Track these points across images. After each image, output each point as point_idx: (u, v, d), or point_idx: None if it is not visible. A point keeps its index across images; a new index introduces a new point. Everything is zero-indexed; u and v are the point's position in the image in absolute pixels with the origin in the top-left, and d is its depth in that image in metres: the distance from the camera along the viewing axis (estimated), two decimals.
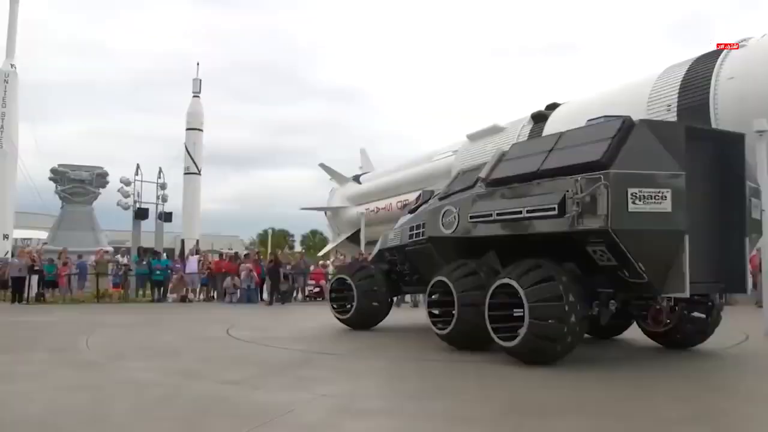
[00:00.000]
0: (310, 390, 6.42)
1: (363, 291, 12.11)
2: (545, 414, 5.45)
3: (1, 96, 37.12)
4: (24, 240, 48.80)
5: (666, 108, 21.71)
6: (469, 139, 29.31)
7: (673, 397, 6.20)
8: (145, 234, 27.59)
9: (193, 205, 42.30)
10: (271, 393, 6.38)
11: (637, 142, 7.22)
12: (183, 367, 8.00)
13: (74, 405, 5.82)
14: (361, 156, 48.18)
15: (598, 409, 5.67)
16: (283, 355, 9.14)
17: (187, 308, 19.62)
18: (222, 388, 6.54)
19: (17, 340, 10.95)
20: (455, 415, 5.42)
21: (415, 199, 12.86)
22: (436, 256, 10.37)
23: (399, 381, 7.21)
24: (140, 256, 23.54)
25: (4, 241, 35.11)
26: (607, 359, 8.73)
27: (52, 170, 41.18)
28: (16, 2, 38.37)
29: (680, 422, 5.16)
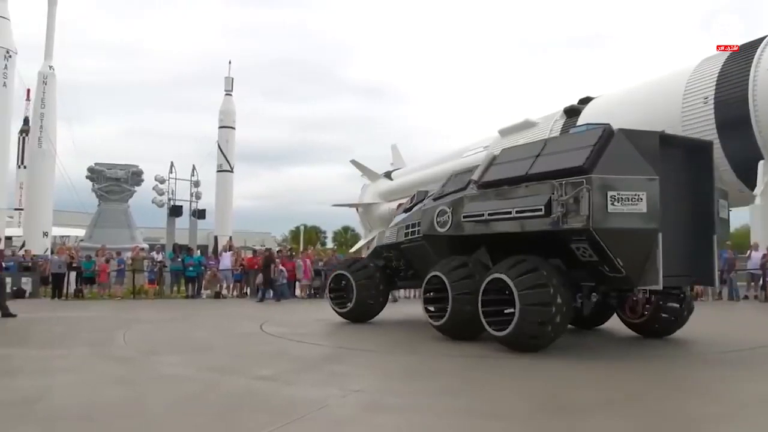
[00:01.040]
0: (342, 386, 6.47)
1: (361, 286, 12.63)
2: (576, 411, 5.41)
3: (40, 97, 37.88)
4: (62, 237, 49.92)
5: (703, 100, 21.33)
6: (501, 135, 29.15)
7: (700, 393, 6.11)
8: (179, 231, 28.01)
9: (225, 202, 42.76)
10: (303, 388, 6.43)
11: (615, 149, 7.96)
12: (217, 362, 8.11)
13: (112, 399, 5.94)
14: (392, 152, 48.23)
15: (630, 407, 5.61)
16: (315, 351, 9.20)
17: (221, 304, 19.85)
18: (255, 384, 6.62)
19: (57, 335, 11.22)
20: (485, 412, 5.41)
21: (410, 199, 13.40)
22: (430, 253, 10.95)
23: (429, 377, 7.20)
24: (175, 252, 23.87)
25: (43, 238, 35.86)
26: (632, 355, 8.73)
27: (89, 169, 41.97)
28: (54, 5, 39.13)
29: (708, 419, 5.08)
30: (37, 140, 37.39)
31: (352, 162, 45.42)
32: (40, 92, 37.97)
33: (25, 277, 22.71)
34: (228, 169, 43.20)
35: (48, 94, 37.79)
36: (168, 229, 27.41)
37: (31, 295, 22.15)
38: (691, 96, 21.80)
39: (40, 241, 34.58)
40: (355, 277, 12.73)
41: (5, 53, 32.38)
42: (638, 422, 5.06)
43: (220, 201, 42.31)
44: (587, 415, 5.29)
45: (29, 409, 5.53)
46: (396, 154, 47.48)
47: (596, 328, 11.31)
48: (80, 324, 13.05)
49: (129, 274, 22.84)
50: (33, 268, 23.49)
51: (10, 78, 32.73)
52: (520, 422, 5.08)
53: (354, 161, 45.16)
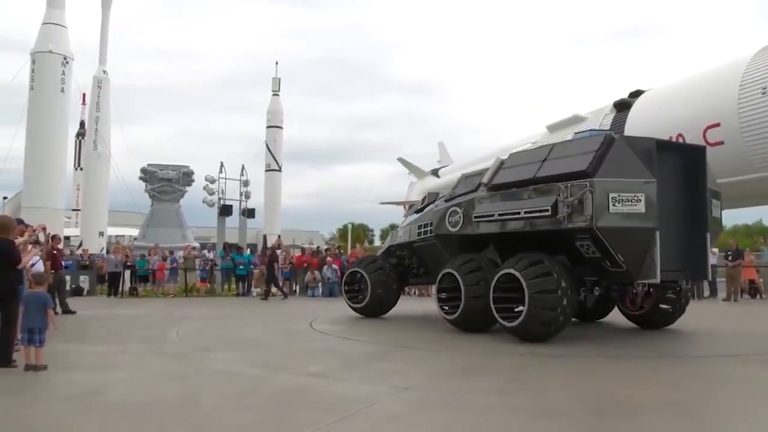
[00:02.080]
0: (391, 383, 6.48)
1: (376, 282, 13.28)
2: (632, 410, 5.29)
3: (95, 101, 38.92)
4: (117, 237, 51.27)
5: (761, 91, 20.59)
6: (549, 130, 28.70)
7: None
8: (229, 230, 28.39)
9: (274, 201, 43.19)
10: (353, 385, 6.46)
11: (616, 155, 8.65)
12: (268, 359, 8.21)
13: (167, 394, 6.07)
14: (439, 149, 48.01)
15: (692, 408, 5.46)
16: (362, 348, 9.25)
17: (270, 302, 20.07)
18: (306, 380, 6.68)
19: (114, 332, 11.53)
20: (537, 411, 5.34)
21: (421, 200, 14.04)
22: (441, 251, 11.59)
23: (477, 374, 7.15)
24: (225, 251, 24.23)
25: (99, 238, 36.84)
26: (679, 353, 8.73)
27: (142, 170, 42.93)
28: (107, 12, 40.17)
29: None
30: (93, 143, 38.45)
31: (399, 160, 45.40)
32: (95, 96, 39.02)
33: (82, 275, 23.40)
34: (276, 168, 43.63)
35: (102, 98, 38.80)
36: (218, 228, 27.83)
37: (89, 293, 22.81)
38: (748, 87, 21.06)
39: (96, 240, 35.52)
40: (369, 274, 13.34)
41: (63, 60, 33.32)
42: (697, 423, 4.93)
43: (268, 200, 42.76)
44: (645, 415, 5.16)
45: (88, 403, 5.70)
46: (443, 152, 47.25)
47: (598, 321, 11.97)
48: (135, 321, 13.38)
49: (181, 272, 23.31)
50: (90, 267, 24.17)
51: (67, 84, 33.66)
52: (574, 421, 4.99)
53: (401, 159, 45.13)
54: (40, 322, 7.22)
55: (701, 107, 21.30)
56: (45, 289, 7.76)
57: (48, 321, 7.37)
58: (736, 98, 21.35)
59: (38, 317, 7.23)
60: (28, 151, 33.01)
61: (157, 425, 4.92)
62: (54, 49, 32.95)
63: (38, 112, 32.58)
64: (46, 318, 7.32)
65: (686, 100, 22.21)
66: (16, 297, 7.58)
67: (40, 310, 7.29)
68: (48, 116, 32.59)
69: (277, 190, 43.97)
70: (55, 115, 33.09)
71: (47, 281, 8.18)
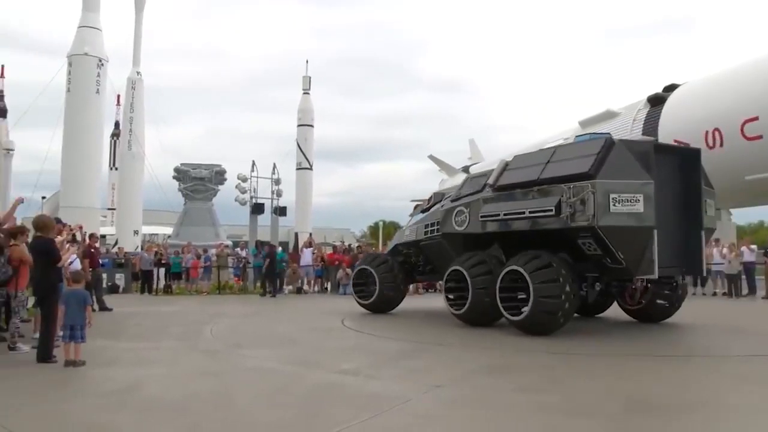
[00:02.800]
0: (424, 381, 6.47)
1: (383, 279, 13.66)
2: (665, 409, 5.20)
3: (129, 102, 39.67)
4: (151, 235, 52.08)
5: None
6: (581, 126, 28.35)
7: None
8: (261, 228, 28.61)
9: (305, 199, 43.51)
10: (386, 383, 6.47)
11: (616, 157, 9.12)
12: (300, 356, 8.27)
13: (201, 390, 6.14)
14: (470, 146, 47.83)
15: (725, 407, 5.36)
16: (396, 346, 9.25)
17: (302, 299, 20.20)
18: (339, 378, 6.71)
19: (149, 329, 11.72)
20: (570, 409, 5.28)
21: (427, 200, 14.40)
22: (448, 249, 11.98)
23: (509, 372, 7.10)
24: (258, 249, 24.42)
25: (134, 236, 37.46)
26: (719, 353, 8.38)
27: (175, 169, 43.48)
28: (140, 14, 40.80)
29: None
30: (127, 143, 39.15)
31: (430, 157, 45.32)
32: (129, 97, 39.75)
33: (118, 273, 23.81)
34: (307, 166, 43.93)
35: (136, 98, 39.51)
36: (251, 226, 28.07)
37: (124, 290, 23.21)
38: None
39: (131, 239, 36.17)
40: (378, 272, 13.74)
41: (98, 62, 33.97)
42: (730, 423, 4.84)
43: (299, 198, 43.08)
44: (677, 414, 5.09)
45: (125, 399, 5.80)
46: (474, 149, 47.06)
47: (598, 315, 12.35)
48: (169, 318, 13.58)
49: (214, 270, 23.57)
50: (126, 265, 24.56)
51: (102, 85, 34.32)
52: (608, 421, 4.92)
53: (432, 156, 45.05)
54: (80, 318, 7.37)
55: (739, 100, 20.85)
56: (83, 287, 7.92)
57: (87, 317, 7.52)
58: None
59: (79, 314, 7.38)
60: (66, 152, 33.75)
61: (192, 421, 4.99)
62: (89, 52, 33.60)
63: (75, 114, 33.28)
64: (85, 314, 7.47)
65: (723, 94, 21.75)
66: (56, 294, 7.76)
67: (81, 307, 7.44)
68: (84, 117, 33.26)
69: (308, 188, 44.27)
70: (91, 116, 33.75)
71: (84, 279, 8.34)
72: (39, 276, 8.02)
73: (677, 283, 11.17)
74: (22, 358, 7.95)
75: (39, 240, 8.10)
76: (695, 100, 22.83)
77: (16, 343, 8.52)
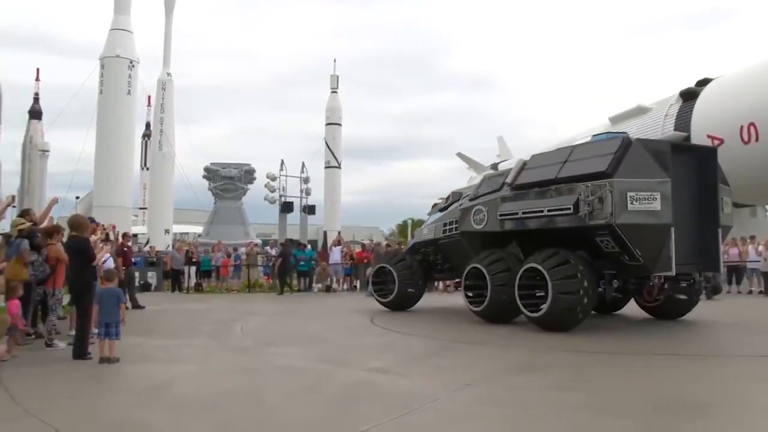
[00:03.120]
0: (453, 379, 6.46)
1: (403, 277, 13.87)
2: (698, 409, 5.13)
3: (160, 102, 40.16)
4: (182, 234, 52.66)
5: None
6: (612, 122, 27.99)
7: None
8: (290, 226, 28.77)
9: (333, 197, 43.62)
10: (415, 381, 6.47)
11: (633, 156, 9.22)
12: (330, 354, 8.30)
13: (232, 387, 6.21)
14: (498, 144, 47.50)
15: (759, 408, 5.26)
16: (424, 344, 9.26)
17: (332, 297, 20.27)
18: (368, 376, 6.73)
19: (181, 326, 11.89)
20: (600, 409, 5.23)
21: (445, 199, 14.54)
22: (466, 248, 12.14)
23: (539, 371, 7.04)
24: None
25: (165, 235, 37.92)
26: (750, 353, 8.18)
27: (205, 169, 43.91)
28: (170, 16, 41.28)
29: None
30: (158, 143, 39.65)
31: (458, 155, 45.12)
32: (160, 98, 40.24)
33: (150, 271, 24.17)
34: (335, 165, 44.04)
35: (167, 99, 39.99)
36: (280, 224, 28.29)
37: (156, 289, 23.54)
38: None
39: (162, 237, 36.61)
40: (397, 270, 13.95)
41: (129, 63, 34.50)
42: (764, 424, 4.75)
43: (328, 197, 43.22)
44: (711, 414, 5.01)
45: (158, 395, 5.90)
46: (502, 146, 46.71)
47: (614, 312, 12.32)
48: (200, 316, 13.74)
49: (244, 268, 23.77)
50: (157, 264, 24.89)
51: (133, 86, 34.84)
52: (639, 421, 4.85)
53: (460, 154, 44.85)
54: (115, 316, 7.50)
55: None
56: (116, 285, 8.05)
57: (121, 315, 7.64)
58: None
59: (113, 312, 7.51)
60: (98, 153, 34.33)
61: (224, 419, 5.04)
62: (121, 54, 34.12)
63: (107, 115, 33.85)
64: (119, 312, 7.59)
65: (758, 87, 21.28)
66: (90, 292, 7.90)
67: (115, 305, 7.57)
68: (116, 118, 33.81)
69: (337, 186, 44.37)
70: (123, 117, 34.30)
71: (117, 277, 8.48)
72: (74, 274, 8.18)
73: (694, 280, 11.24)
74: (58, 355, 8.13)
75: (74, 239, 8.25)
76: (729, 95, 22.38)
77: (52, 340, 8.71)
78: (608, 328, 10.37)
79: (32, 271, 8.72)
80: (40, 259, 8.80)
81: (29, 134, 47.33)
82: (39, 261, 8.79)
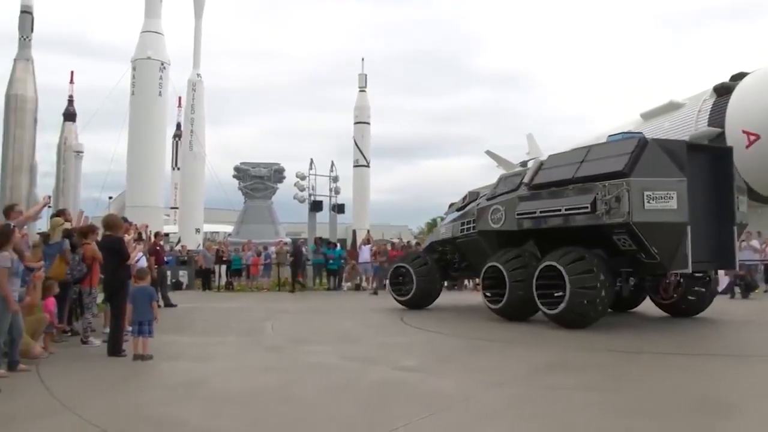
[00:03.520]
0: (485, 378, 6.44)
1: (420, 276, 13.98)
2: (732, 410, 5.03)
3: (190, 103, 40.56)
4: (212, 233, 53.19)
5: None
6: (643, 118, 27.60)
7: None
8: (319, 225, 28.85)
9: (362, 196, 43.61)
10: (446, 380, 6.45)
11: (650, 156, 9.40)
12: (361, 352, 8.32)
13: (265, 384, 6.26)
14: (528, 141, 47.21)
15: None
16: (454, 343, 9.24)
17: (361, 296, 20.29)
18: (400, 374, 6.73)
19: (213, 324, 12.00)
20: (634, 409, 5.15)
21: (462, 199, 14.56)
22: (483, 246, 12.35)
23: (572, 371, 6.96)
24: (317, 246, 24.65)
25: (196, 234, 38.30)
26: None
27: (235, 168, 44.25)
28: (200, 18, 41.70)
29: None
30: (189, 144, 40.06)
31: (488, 152, 44.95)
32: (190, 99, 40.64)
33: (182, 270, 24.40)
34: (364, 164, 44.06)
35: (197, 100, 40.37)
36: (309, 223, 28.32)
37: (187, 287, 23.77)
38: None
39: (193, 237, 36.97)
40: (415, 269, 14.06)
41: (160, 65, 34.89)
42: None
43: (357, 195, 43.25)
44: (745, 416, 4.91)
45: (191, 392, 5.97)
46: (532, 143, 46.39)
47: (630, 310, 12.41)
48: (231, 314, 13.86)
49: (274, 267, 23.91)
50: (188, 262, 25.15)
51: (164, 88, 35.23)
52: (675, 421, 4.77)
53: (489, 152, 44.69)
54: (148, 314, 7.62)
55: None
56: (148, 284, 8.16)
57: (153, 313, 7.75)
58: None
59: (146, 310, 7.63)
60: (131, 153, 34.80)
61: (257, 415, 5.08)
62: (152, 56, 34.52)
63: (139, 116, 34.29)
64: (152, 310, 7.70)
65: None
66: (125, 291, 8.02)
67: (147, 303, 7.68)
68: (147, 119, 34.24)
69: (366, 185, 44.36)
70: (154, 118, 34.71)
71: (149, 276, 8.59)
72: (109, 273, 8.31)
73: (710, 278, 11.39)
74: (93, 352, 8.28)
75: (109, 238, 8.38)
76: (766, 89, 21.91)
77: (88, 337, 8.87)
78: (634, 327, 10.36)
79: (68, 271, 8.89)
80: (77, 259, 8.96)
81: (64, 136, 48.11)
82: (76, 260, 8.95)
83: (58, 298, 8.52)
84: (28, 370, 6.73)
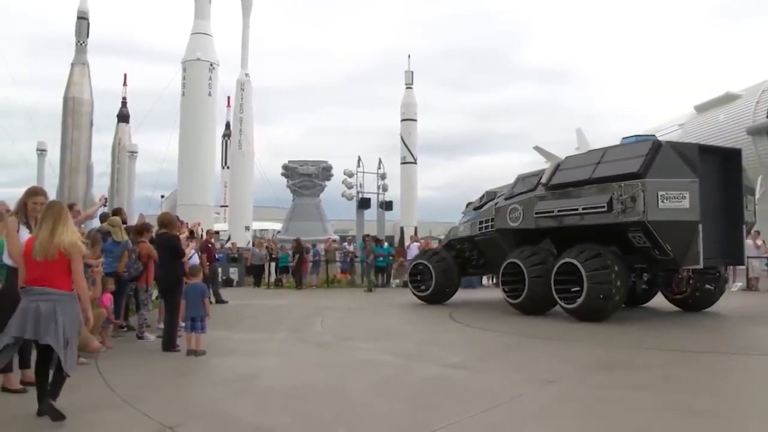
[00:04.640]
0: (535, 375, 6.40)
1: (439, 272, 14.44)
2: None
3: (239, 103, 41.24)
4: (261, 231, 53.93)
5: None
6: (697, 111, 26.90)
7: None
8: (367, 222, 28.97)
9: (410, 193, 43.65)
10: (495, 377, 6.43)
11: (663, 158, 9.92)
12: (409, 349, 8.34)
13: (315, 380, 6.34)
14: (577, 136, 46.44)
15: None
16: (502, 339, 9.19)
17: (410, 293, 20.23)
18: (447, 371, 6.73)
19: (263, 321, 12.19)
20: (686, 408, 5.06)
21: (479, 199, 15.00)
22: (501, 244, 12.86)
23: (625, 369, 6.85)
24: (365, 243, 24.74)
25: (245, 232, 38.91)
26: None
27: (283, 166, 44.75)
28: (247, 19, 42.31)
29: None
30: (238, 143, 40.75)
31: (536, 148, 44.39)
32: (239, 98, 41.32)
33: (232, 267, 24.81)
34: (411, 161, 44.07)
35: (245, 99, 41.02)
36: (357, 221, 28.49)
37: (238, 284, 24.15)
38: None
39: (242, 234, 37.57)
40: (433, 266, 14.53)
41: (210, 66, 35.54)
42: None
43: (404, 192, 43.28)
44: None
45: (244, 387, 6.09)
46: (581, 138, 45.58)
47: (643, 306, 12.82)
48: (281, 311, 14.04)
49: (323, 264, 24.10)
50: (239, 260, 25.56)
51: (214, 88, 35.88)
52: (723, 421, 4.68)
53: (537, 147, 44.11)
54: (200, 310, 7.79)
55: None
56: (200, 280, 8.34)
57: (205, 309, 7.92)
58: None
59: (199, 306, 7.80)
60: (182, 153, 35.57)
61: (308, 410, 5.16)
62: (202, 57, 35.18)
63: (189, 116, 35.01)
64: (204, 307, 7.87)
65: None
66: (179, 287, 8.22)
67: (200, 299, 7.85)
68: (198, 119, 34.93)
69: (413, 182, 44.37)
70: (204, 118, 35.39)
71: (201, 272, 8.78)
72: (165, 270, 8.52)
73: (719, 274, 11.90)
74: (148, 347, 8.50)
75: (165, 236, 8.60)
76: None
77: (143, 332, 9.12)
78: (667, 323, 10.57)
79: (125, 268, 9.12)
80: (134, 257, 9.19)
81: (118, 136, 49.50)
82: (133, 259, 9.18)
83: (115, 294, 8.77)
84: (87, 363, 6.95)
